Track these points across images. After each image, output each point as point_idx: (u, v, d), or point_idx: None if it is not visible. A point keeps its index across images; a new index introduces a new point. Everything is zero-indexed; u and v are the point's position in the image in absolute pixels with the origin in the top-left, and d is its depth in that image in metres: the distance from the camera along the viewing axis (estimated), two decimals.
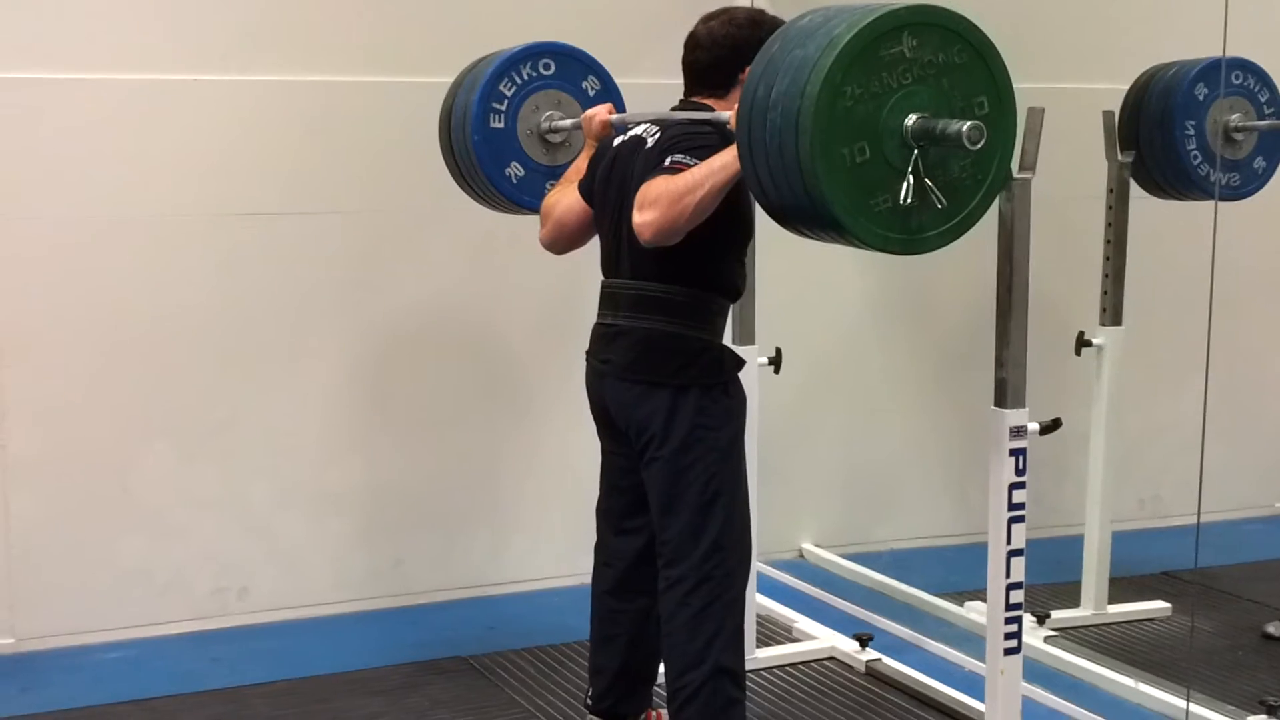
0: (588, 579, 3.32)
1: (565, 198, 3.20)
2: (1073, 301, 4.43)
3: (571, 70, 3.54)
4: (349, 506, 4.51)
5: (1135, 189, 4.17)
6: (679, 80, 4.73)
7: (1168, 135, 4.06)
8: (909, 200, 2.41)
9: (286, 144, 4.31)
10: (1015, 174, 2.83)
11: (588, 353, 3.14)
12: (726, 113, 2.84)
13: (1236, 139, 4.07)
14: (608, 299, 3.09)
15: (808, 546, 5.07)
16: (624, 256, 3.01)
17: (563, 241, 3.22)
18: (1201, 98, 4.05)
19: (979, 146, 2.39)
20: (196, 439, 4.30)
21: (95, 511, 4.21)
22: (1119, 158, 4.12)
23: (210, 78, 4.21)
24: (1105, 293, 4.14)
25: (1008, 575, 2.91)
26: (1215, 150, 4.04)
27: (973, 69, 2.44)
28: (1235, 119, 4.06)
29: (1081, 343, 4.14)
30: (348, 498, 4.50)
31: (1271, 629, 4.15)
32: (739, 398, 3.05)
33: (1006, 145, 2.52)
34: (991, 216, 2.92)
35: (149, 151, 4.17)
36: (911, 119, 2.39)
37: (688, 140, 2.87)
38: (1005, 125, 2.50)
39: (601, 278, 3.12)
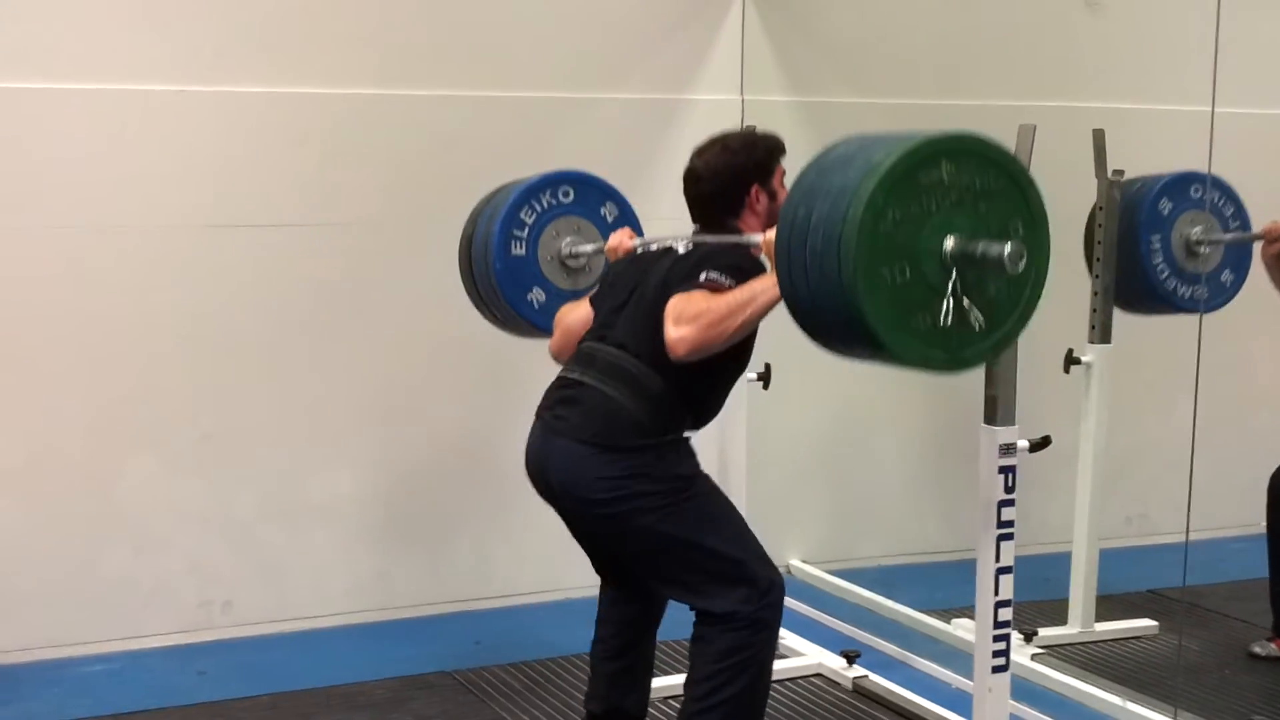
0: (574, 594, 3.33)
1: (578, 309, 3.22)
2: (1062, 319, 4.43)
3: (590, 197, 3.60)
4: (335, 520, 4.49)
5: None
6: (667, 95, 4.77)
7: (1133, 251, 4.09)
8: (948, 321, 2.43)
9: (275, 156, 4.30)
10: None
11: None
12: (757, 235, 2.88)
13: (1200, 252, 4.09)
14: (582, 357, 3.05)
15: (795, 563, 5.06)
16: (615, 327, 2.99)
17: (570, 349, 3.19)
18: (1165, 213, 4.09)
19: (1020, 269, 2.41)
20: (181, 450, 4.29)
21: (79, 523, 4.18)
22: (1108, 175, 4.12)
23: (199, 89, 4.20)
24: (1094, 310, 4.14)
25: (996, 593, 2.91)
26: (1182, 264, 4.09)
27: (1009, 194, 2.47)
28: (1197, 232, 4.09)
29: (1071, 360, 4.14)
30: (333, 511, 4.48)
31: (1258, 648, 4.15)
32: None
33: (1041, 267, 2.53)
34: None
35: (136, 162, 4.15)
36: (950, 242, 2.41)
37: (724, 257, 2.88)
38: (1039, 248, 2.52)
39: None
